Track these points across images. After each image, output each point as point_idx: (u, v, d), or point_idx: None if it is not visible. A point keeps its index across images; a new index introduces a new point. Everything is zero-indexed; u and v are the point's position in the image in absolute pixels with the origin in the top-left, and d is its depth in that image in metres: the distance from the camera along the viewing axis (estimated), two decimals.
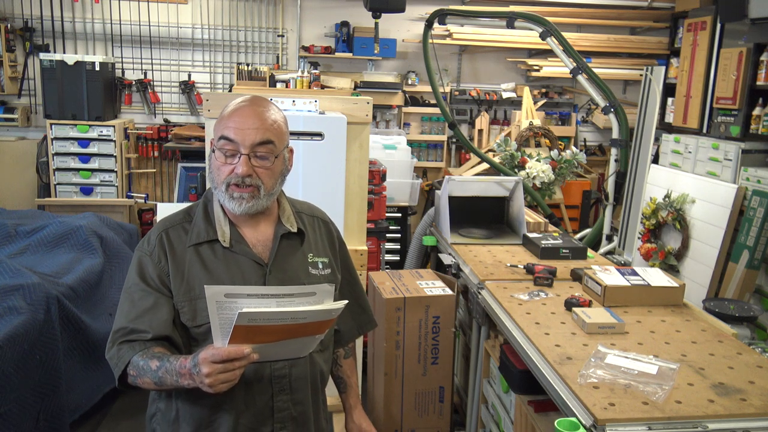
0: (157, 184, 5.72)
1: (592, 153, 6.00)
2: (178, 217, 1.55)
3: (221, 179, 1.45)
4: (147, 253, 1.49)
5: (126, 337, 1.41)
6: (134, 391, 1.46)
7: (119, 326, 1.43)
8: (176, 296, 1.45)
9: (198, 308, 1.44)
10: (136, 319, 1.41)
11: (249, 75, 5.52)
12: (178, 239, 1.50)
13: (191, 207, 1.57)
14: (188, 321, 1.45)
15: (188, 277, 1.46)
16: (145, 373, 1.35)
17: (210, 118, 2.34)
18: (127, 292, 1.48)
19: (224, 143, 1.44)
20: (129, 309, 1.44)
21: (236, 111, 1.46)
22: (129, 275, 1.51)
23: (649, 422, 1.54)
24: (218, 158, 1.45)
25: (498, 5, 5.28)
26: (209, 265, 1.47)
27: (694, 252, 4.25)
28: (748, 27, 4.20)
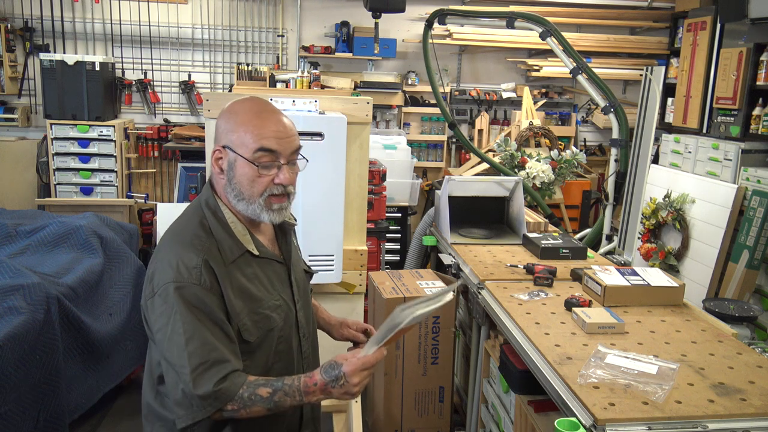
0: (157, 184, 5.72)
1: (592, 153, 6.01)
2: (203, 237, 1.44)
3: (258, 191, 1.42)
4: (195, 282, 1.37)
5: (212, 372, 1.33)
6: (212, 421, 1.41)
7: (197, 362, 1.33)
8: (234, 316, 1.40)
9: (255, 321, 1.44)
10: (213, 352, 1.35)
11: (249, 75, 5.52)
12: (216, 260, 1.41)
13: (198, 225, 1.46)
14: (250, 337, 1.43)
15: (240, 294, 1.43)
16: (254, 404, 1.34)
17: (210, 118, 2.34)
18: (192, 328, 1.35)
19: (263, 155, 1.41)
20: (201, 344, 1.35)
21: (268, 120, 1.43)
22: (182, 312, 1.35)
23: (649, 422, 1.54)
24: (252, 170, 1.41)
25: (498, 5, 5.28)
26: (252, 277, 1.46)
27: (694, 252, 4.25)
28: (748, 27, 4.20)
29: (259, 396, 1.34)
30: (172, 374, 1.36)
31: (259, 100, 1.50)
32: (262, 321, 1.45)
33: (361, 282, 2.51)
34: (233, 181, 1.43)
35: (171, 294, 1.36)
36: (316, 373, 1.36)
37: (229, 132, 1.44)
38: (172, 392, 1.38)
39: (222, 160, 1.45)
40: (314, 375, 1.36)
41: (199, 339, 1.35)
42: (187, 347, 1.34)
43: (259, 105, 1.46)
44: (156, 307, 1.38)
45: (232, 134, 1.43)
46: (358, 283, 2.51)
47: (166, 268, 1.39)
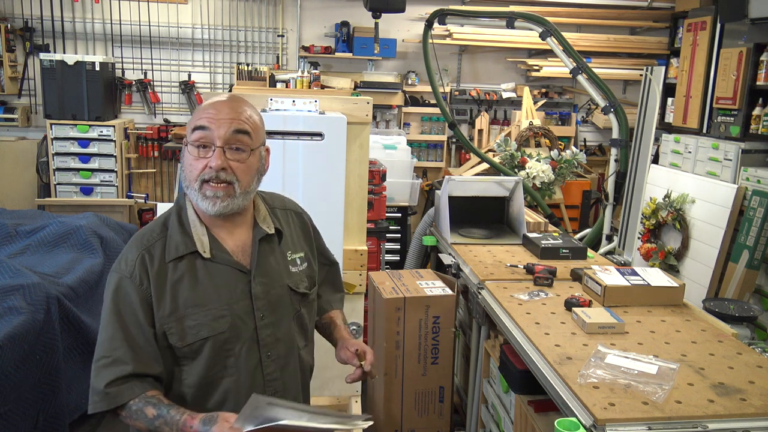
0: (157, 184, 5.72)
1: (592, 153, 6.01)
2: (156, 232, 1.43)
3: (194, 176, 1.37)
4: (127, 275, 1.37)
5: (110, 369, 1.34)
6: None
7: (101, 354, 1.37)
8: (161, 318, 1.37)
9: (186, 327, 1.39)
10: (118, 349, 1.35)
11: (249, 75, 5.52)
12: (154, 257, 1.39)
13: (161, 222, 1.46)
14: (177, 341, 1.39)
15: (173, 295, 1.38)
16: (139, 419, 1.34)
17: None
18: (108, 318, 1.37)
19: (198, 134, 1.36)
20: (110, 336, 1.36)
21: (211, 104, 1.40)
22: (107, 299, 1.38)
23: (649, 422, 1.54)
24: (191, 153, 1.37)
25: (498, 5, 5.28)
26: (193, 280, 1.40)
27: (694, 252, 4.25)
28: (748, 27, 4.20)
29: (144, 414, 1.34)
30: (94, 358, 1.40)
31: (231, 94, 1.47)
32: (196, 327, 1.39)
33: (361, 282, 2.51)
34: (183, 169, 1.41)
35: (109, 282, 1.40)
36: (197, 419, 1.30)
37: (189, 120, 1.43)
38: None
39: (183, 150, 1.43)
40: (195, 418, 1.31)
41: (110, 332, 1.36)
42: (101, 335, 1.38)
43: (219, 96, 1.44)
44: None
45: (189, 122, 1.42)
46: (358, 283, 2.51)
47: (121, 254, 1.43)
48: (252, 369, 1.46)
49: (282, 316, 1.50)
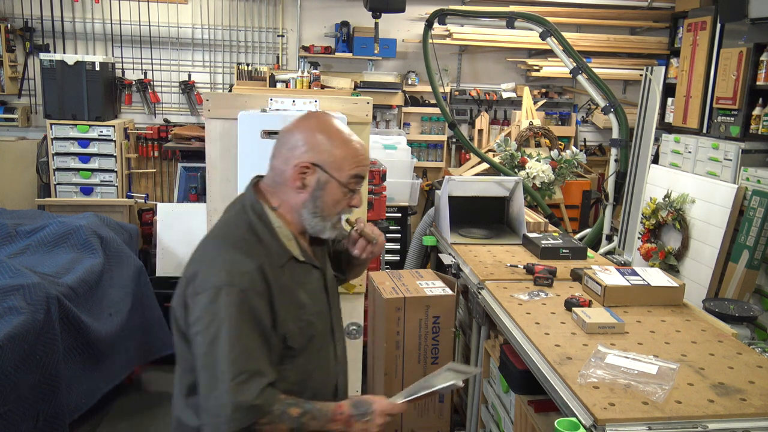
0: (157, 184, 5.72)
1: (592, 153, 6.00)
2: (252, 241, 1.42)
3: (337, 211, 1.49)
4: (248, 286, 1.35)
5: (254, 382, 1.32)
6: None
7: (240, 370, 1.31)
8: (282, 323, 1.40)
9: (299, 327, 1.45)
10: (255, 361, 1.34)
11: (249, 75, 5.52)
12: (267, 265, 1.40)
13: (246, 229, 1.45)
14: (294, 343, 1.44)
15: (287, 299, 1.43)
16: (282, 421, 1.35)
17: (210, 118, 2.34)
18: (238, 333, 1.33)
19: (355, 182, 1.49)
20: (244, 350, 1.33)
21: (358, 148, 1.49)
22: (230, 315, 1.33)
23: (649, 422, 1.54)
24: (344, 193, 1.48)
25: (498, 5, 5.28)
26: (295, 283, 1.47)
27: (694, 252, 4.25)
28: (748, 27, 4.20)
29: (289, 415, 1.36)
30: (208, 378, 1.33)
31: (335, 120, 1.52)
32: (306, 327, 1.47)
33: (361, 282, 2.51)
34: (319, 199, 1.46)
35: (221, 296, 1.33)
36: (345, 405, 1.42)
37: (323, 151, 1.45)
38: (202, 398, 1.34)
39: (307, 176, 1.45)
40: (342, 405, 1.42)
41: (243, 346, 1.33)
42: (230, 353, 1.31)
43: (343, 128, 1.50)
44: (199, 307, 1.35)
45: (328, 154, 1.45)
46: (358, 283, 2.51)
47: (217, 269, 1.36)
48: (331, 356, 1.58)
49: (338, 302, 1.66)
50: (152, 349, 3.53)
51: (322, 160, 1.44)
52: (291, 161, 1.45)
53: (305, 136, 1.46)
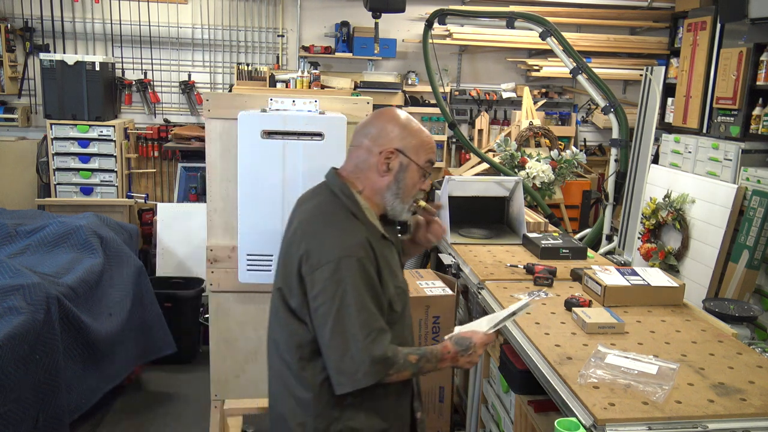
0: (157, 184, 5.72)
1: (592, 153, 6.01)
2: (352, 220, 1.59)
3: (413, 194, 1.66)
4: (363, 255, 1.52)
5: (382, 338, 1.50)
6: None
7: (370, 329, 1.48)
8: (388, 287, 1.57)
9: (396, 294, 1.61)
10: (378, 320, 1.51)
11: (249, 75, 5.53)
12: (370, 238, 1.57)
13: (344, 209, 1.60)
14: (396, 306, 1.61)
15: (388, 267, 1.60)
16: (405, 369, 1.53)
17: (210, 118, 2.34)
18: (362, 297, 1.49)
19: (429, 167, 1.67)
20: (370, 312, 1.49)
21: (430, 137, 1.68)
22: (353, 281, 1.48)
23: (649, 422, 1.54)
24: (419, 177, 1.65)
25: (498, 5, 5.28)
26: (386, 256, 1.62)
27: (694, 252, 4.25)
28: (748, 27, 4.20)
29: (409, 362, 1.53)
30: (340, 342, 1.47)
31: (406, 113, 1.70)
32: (401, 294, 1.64)
33: None
34: (402, 182, 1.62)
35: (342, 266, 1.48)
36: (449, 344, 1.59)
37: (404, 138, 1.62)
38: (334, 362, 1.48)
39: (392, 160, 1.62)
40: (447, 345, 1.59)
41: (368, 308, 1.49)
42: (359, 316, 1.47)
43: (414, 120, 1.68)
44: (319, 280, 1.49)
45: (407, 141, 1.62)
46: None
47: (331, 244, 1.51)
48: (411, 324, 1.75)
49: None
50: (152, 349, 3.53)
51: (403, 146, 1.61)
52: (375, 149, 1.62)
53: (386, 126, 1.64)
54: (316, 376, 1.54)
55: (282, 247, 1.67)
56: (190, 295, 3.91)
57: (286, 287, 1.57)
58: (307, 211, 1.65)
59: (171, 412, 3.40)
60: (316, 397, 1.55)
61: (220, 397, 2.55)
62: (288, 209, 2.32)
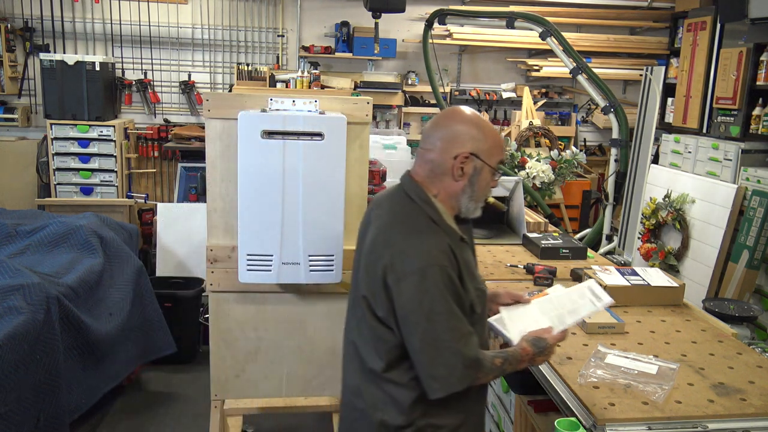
0: (157, 184, 5.72)
1: (592, 153, 6.00)
2: (431, 225, 1.59)
3: (486, 194, 1.68)
4: (446, 263, 1.52)
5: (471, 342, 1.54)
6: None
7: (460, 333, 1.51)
8: (469, 290, 1.59)
9: (477, 296, 1.63)
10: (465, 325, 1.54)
11: (249, 75, 5.53)
12: (451, 243, 1.57)
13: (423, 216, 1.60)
14: (477, 308, 1.62)
15: (468, 270, 1.62)
16: (492, 372, 1.57)
17: (210, 118, 2.34)
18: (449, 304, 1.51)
19: (501, 167, 1.68)
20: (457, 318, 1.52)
21: (501, 136, 1.68)
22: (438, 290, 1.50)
23: (649, 422, 1.54)
24: (490, 178, 1.65)
25: (498, 5, 5.28)
26: (466, 259, 1.63)
27: (694, 252, 4.25)
28: (748, 27, 4.20)
29: (495, 365, 1.57)
30: (431, 349, 1.50)
31: (476, 112, 1.70)
32: (480, 295, 1.65)
33: None
34: (476, 185, 1.62)
35: (428, 276, 1.49)
36: (526, 345, 1.60)
37: (477, 141, 1.61)
38: (426, 367, 1.51)
39: (466, 164, 1.60)
40: (525, 347, 1.60)
41: (456, 314, 1.52)
42: (448, 322, 1.50)
43: (484, 119, 1.68)
44: (406, 290, 1.50)
45: (481, 144, 1.61)
46: None
47: (415, 254, 1.52)
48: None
49: None
50: (152, 349, 3.52)
51: (477, 149, 1.60)
52: (450, 152, 1.60)
53: (458, 129, 1.62)
54: (403, 376, 1.58)
55: (361, 251, 1.67)
56: (190, 295, 3.91)
57: (371, 296, 1.59)
58: (384, 217, 1.64)
59: (171, 412, 3.40)
60: (401, 395, 1.59)
61: (220, 397, 2.55)
62: (288, 209, 2.32)
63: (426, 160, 1.63)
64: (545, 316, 1.71)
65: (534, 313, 1.74)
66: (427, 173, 1.63)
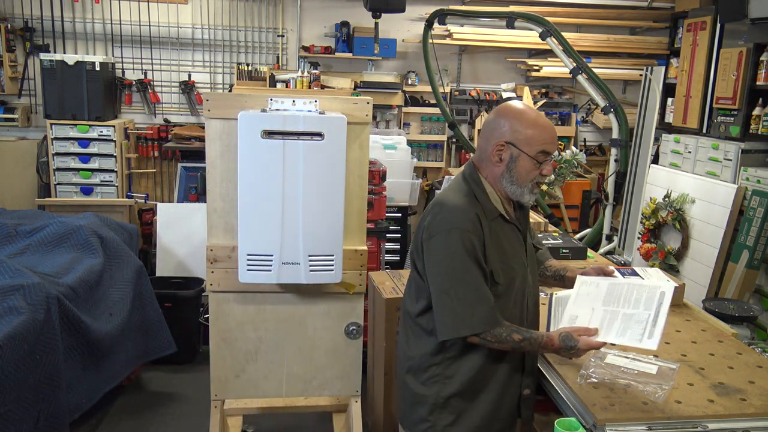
0: (157, 184, 5.72)
1: (592, 153, 6.00)
2: (470, 201, 1.78)
3: (529, 179, 1.79)
4: (469, 228, 1.72)
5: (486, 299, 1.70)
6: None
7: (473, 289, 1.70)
8: (490, 261, 1.75)
9: (502, 269, 1.77)
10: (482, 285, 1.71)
11: (249, 75, 5.53)
12: (481, 215, 1.76)
13: (466, 192, 1.81)
14: (498, 278, 1.76)
15: (494, 244, 1.77)
16: (506, 342, 1.70)
17: (210, 118, 2.34)
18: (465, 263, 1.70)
19: (543, 156, 1.78)
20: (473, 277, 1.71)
21: (546, 128, 1.78)
22: (456, 251, 1.70)
23: (649, 422, 1.54)
24: (533, 164, 1.77)
25: (498, 5, 5.28)
26: (502, 234, 1.80)
27: (694, 252, 4.25)
28: (748, 27, 4.20)
29: (512, 339, 1.70)
30: (448, 298, 1.71)
31: (529, 106, 1.85)
32: (507, 270, 1.79)
33: (361, 282, 2.51)
34: (513, 170, 1.78)
35: (451, 235, 1.71)
36: (555, 338, 1.69)
37: (515, 132, 1.77)
38: (439, 314, 1.73)
39: (503, 152, 1.78)
40: (553, 338, 1.69)
41: (472, 272, 1.71)
42: (464, 278, 1.70)
43: (535, 112, 1.82)
44: (434, 245, 1.74)
45: (518, 134, 1.76)
46: (358, 283, 2.50)
47: (446, 217, 1.75)
48: (525, 304, 1.86)
49: (534, 264, 1.94)
50: (152, 349, 3.52)
51: (514, 138, 1.76)
52: (491, 141, 1.80)
53: (502, 120, 1.80)
54: (429, 323, 1.79)
55: None
56: (190, 295, 3.91)
57: (415, 252, 1.83)
58: (441, 192, 1.92)
59: (171, 412, 3.40)
60: (425, 340, 1.81)
61: (220, 397, 2.55)
62: (288, 209, 2.32)
63: (479, 147, 1.87)
64: (606, 307, 1.74)
65: (595, 300, 1.77)
66: (478, 158, 1.86)
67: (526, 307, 1.87)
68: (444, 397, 1.79)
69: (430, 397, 1.80)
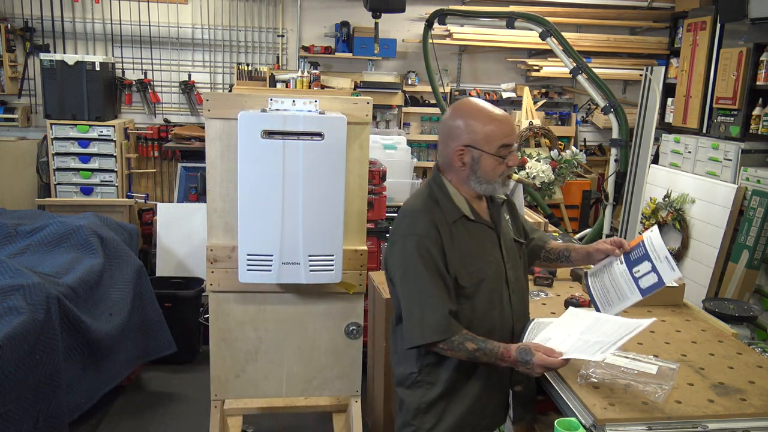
0: (157, 184, 5.72)
1: (592, 153, 6.00)
2: (429, 204, 1.78)
3: (498, 174, 1.77)
4: (424, 235, 1.71)
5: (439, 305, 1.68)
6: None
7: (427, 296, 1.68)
8: (453, 265, 1.73)
9: (468, 271, 1.74)
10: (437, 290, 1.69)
11: (249, 75, 5.52)
12: (440, 221, 1.75)
13: (426, 196, 1.81)
14: (464, 282, 1.74)
15: (457, 248, 1.74)
16: (460, 351, 1.69)
17: (210, 118, 2.34)
18: (418, 270, 1.70)
19: (505, 149, 1.75)
20: (427, 283, 1.69)
21: (502, 122, 1.75)
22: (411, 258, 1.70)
23: (649, 422, 1.54)
24: (495, 161, 1.75)
25: (498, 5, 5.28)
26: (466, 236, 1.77)
27: (694, 252, 4.25)
28: (748, 27, 4.20)
29: (465, 348, 1.68)
30: (406, 305, 1.73)
31: (480, 102, 1.80)
32: (474, 272, 1.75)
33: (361, 282, 2.51)
34: (478, 171, 1.76)
35: (407, 242, 1.72)
36: (513, 350, 1.66)
37: (471, 132, 1.74)
38: (405, 320, 1.74)
39: (464, 155, 1.75)
40: (511, 350, 1.66)
41: (426, 280, 1.69)
42: (417, 285, 1.70)
43: (488, 107, 1.77)
44: (395, 252, 1.76)
45: (475, 134, 1.74)
46: (358, 283, 2.50)
47: (405, 224, 1.76)
48: (506, 303, 1.82)
49: (515, 260, 1.89)
50: (152, 349, 3.52)
51: (472, 140, 1.74)
52: (450, 145, 1.77)
53: (457, 121, 1.77)
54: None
55: None
56: (190, 295, 3.91)
57: (385, 261, 1.85)
58: (409, 198, 1.92)
59: (171, 412, 3.40)
60: (403, 350, 1.82)
61: (220, 397, 2.55)
62: (288, 209, 2.32)
63: (439, 151, 1.86)
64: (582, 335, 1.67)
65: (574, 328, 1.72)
66: (442, 163, 1.84)
67: (507, 305, 1.83)
68: (427, 402, 1.80)
69: (413, 402, 1.81)
